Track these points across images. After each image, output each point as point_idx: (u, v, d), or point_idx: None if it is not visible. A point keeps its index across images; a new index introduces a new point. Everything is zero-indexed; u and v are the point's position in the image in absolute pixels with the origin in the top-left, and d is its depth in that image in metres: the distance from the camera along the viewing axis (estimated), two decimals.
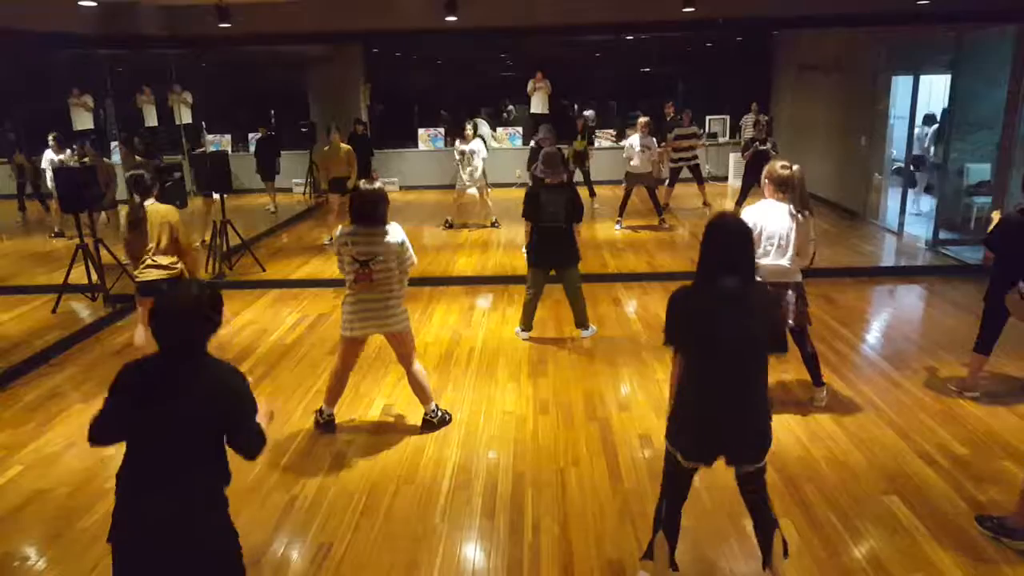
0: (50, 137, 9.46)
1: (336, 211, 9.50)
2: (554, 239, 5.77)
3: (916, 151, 9.69)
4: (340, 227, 4.33)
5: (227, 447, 2.43)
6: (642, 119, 9.90)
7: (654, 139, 9.78)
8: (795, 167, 4.31)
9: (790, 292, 4.40)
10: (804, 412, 4.68)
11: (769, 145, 9.34)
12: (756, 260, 3.72)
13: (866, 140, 9.99)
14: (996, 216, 4.64)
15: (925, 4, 7.21)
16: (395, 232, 4.23)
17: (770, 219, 4.26)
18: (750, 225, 2.83)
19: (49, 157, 9.43)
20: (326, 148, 9.38)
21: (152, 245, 4.98)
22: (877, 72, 9.64)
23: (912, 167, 9.79)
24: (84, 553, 3.48)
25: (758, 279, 2.95)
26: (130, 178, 5.10)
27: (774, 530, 2.91)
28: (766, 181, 4.36)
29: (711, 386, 2.76)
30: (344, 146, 9.36)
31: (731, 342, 2.70)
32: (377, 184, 4.40)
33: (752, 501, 2.94)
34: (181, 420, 2.31)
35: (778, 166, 4.33)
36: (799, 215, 4.28)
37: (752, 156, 9.32)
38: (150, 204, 5.01)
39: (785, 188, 4.27)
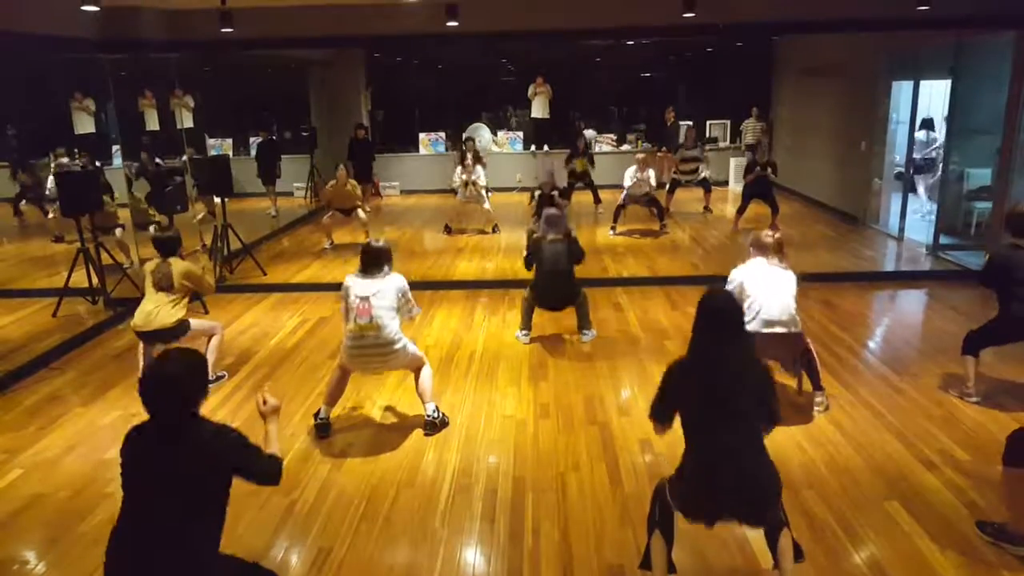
0: (53, 156, 9.55)
1: (332, 219, 9.57)
2: (556, 281, 5.94)
3: (916, 155, 9.70)
4: (346, 277, 4.53)
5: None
6: (639, 155, 10.16)
7: (651, 171, 9.93)
8: (777, 235, 4.80)
9: (801, 339, 4.62)
10: (805, 417, 4.68)
11: (770, 170, 9.61)
12: (757, 318, 4.33)
13: (866, 145, 10.00)
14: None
15: (926, 10, 7.21)
16: (397, 279, 4.49)
17: (759, 275, 4.58)
18: (739, 280, 3.01)
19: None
20: (333, 183, 9.52)
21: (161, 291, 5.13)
22: (877, 77, 9.65)
23: (913, 171, 9.80)
24: (83, 557, 3.48)
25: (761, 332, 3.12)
26: (159, 240, 5.30)
27: (781, 529, 2.92)
28: (752, 249, 4.75)
29: (707, 454, 2.80)
30: (351, 182, 9.59)
31: (726, 410, 2.76)
32: (381, 242, 4.62)
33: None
34: (171, 484, 2.43)
35: (762, 235, 4.74)
36: (784, 270, 4.64)
37: (753, 179, 9.68)
38: (172, 260, 5.21)
39: (769, 252, 4.66)
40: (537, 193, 10.11)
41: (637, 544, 3.44)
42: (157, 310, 5.06)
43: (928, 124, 9.76)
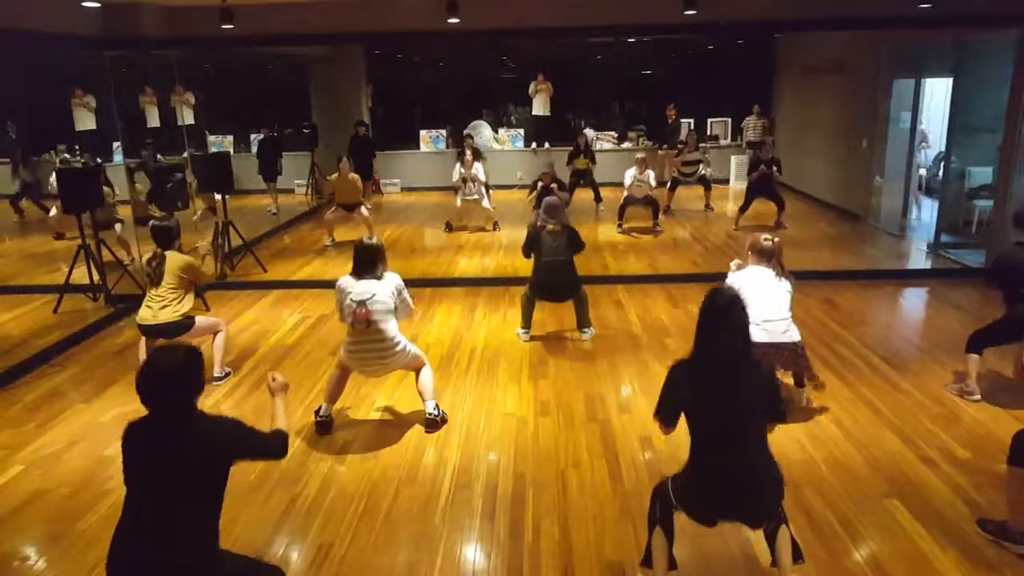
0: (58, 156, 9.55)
1: (334, 216, 9.56)
2: (556, 272, 5.86)
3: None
4: (340, 279, 4.51)
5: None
6: (639, 155, 10.12)
7: (651, 172, 9.91)
8: (776, 240, 4.68)
9: (795, 349, 4.54)
10: (805, 415, 4.68)
11: (774, 168, 9.57)
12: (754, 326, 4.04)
13: (867, 143, 9.99)
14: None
15: (927, 8, 7.20)
16: (392, 278, 4.45)
17: (758, 283, 4.54)
18: (737, 287, 2.99)
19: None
20: (335, 176, 9.51)
21: (161, 287, 5.09)
22: (879, 75, 9.64)
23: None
24: (84, 554, 3.48)
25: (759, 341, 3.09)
26: (156, 229, 5.24)
27: (780, 527, 2.92)
28: (750, 252, 4.71)
29: (710, 455, 2.80)
30: (353, 175, 9.55)
31: (730, 413, 2.75)
32: (372, 239, 4.58)
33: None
34: (170, 477, 2.44)
35: (761, 239, 4.68)
36: (780, 278, 4.61)
37: (757, 178, 9.63)
38: (170, 254, 5.16)
39: (768, 257, 4.62)
40: (538, 184, 10.13)
41: (637, 541, 3.44)
42: (162, 305, 5.05)
43: (921, 137, 9.72)
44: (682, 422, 2.88)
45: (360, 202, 9.59)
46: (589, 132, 12.77)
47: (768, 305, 4.45)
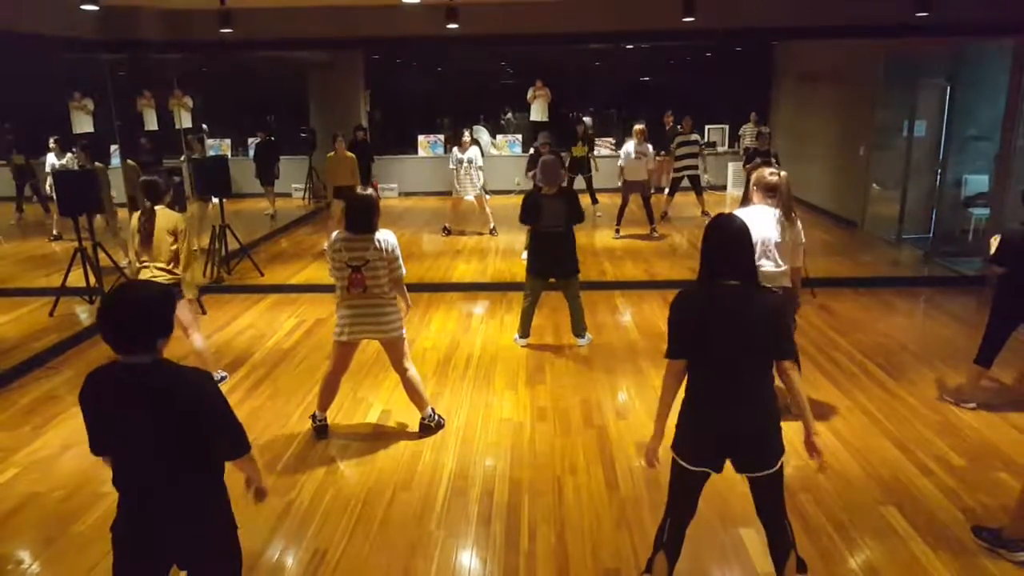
0: (51, 141, 9.46)
1: (338, 217, 9.50)
2: (554, 244, 5.76)
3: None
4: (334, 233, 4.37)
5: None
6: (637, 126, 9.96)
7: (649, 146, 9.82)
8: (782, 174, 4.39)
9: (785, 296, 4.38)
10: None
11: (773, 160, 9.44)
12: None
13: (864, 150, 10.02)
14: (995, 241, 4.68)
15: (925, 16, 7.24)
16: (387, 239, 4.30)
17: (759, 223, 4.26)
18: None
19: (51, 161, 9.44)
20: (331, 155, 9.43)
21: (152, 251, 4.95)
22: (876, 83, 9.67)
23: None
24: (79, 557, 3.47)
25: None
26: (144, 183, 5.10)
27: (789, 552, 2.85)
28: (755, 188, 4.43)
29: (712, 388, 2.73)
30: (348, 154, 9.44)
31: (730, 344, 2.67)
32: (369, 191, 4.46)
33: (768, 519, 2.87)
34: (152, 424, 2.22)
35: (766, 173, 4.40)
36: (786, 220, 4.37)
37: (755, 168, 9.38)
38: (160, 209, 5.02)
39: (773, 194, 4.34)
40: (531, 152, 10.06)
41: (634, 547, 3.44)
42: (161, 272, 4.93)
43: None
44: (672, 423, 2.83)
45: (353, 184, 9.32)
46: (587, 120, 12.73)
47: (761, 249, 4.18)
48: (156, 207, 4.99)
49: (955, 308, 6.96)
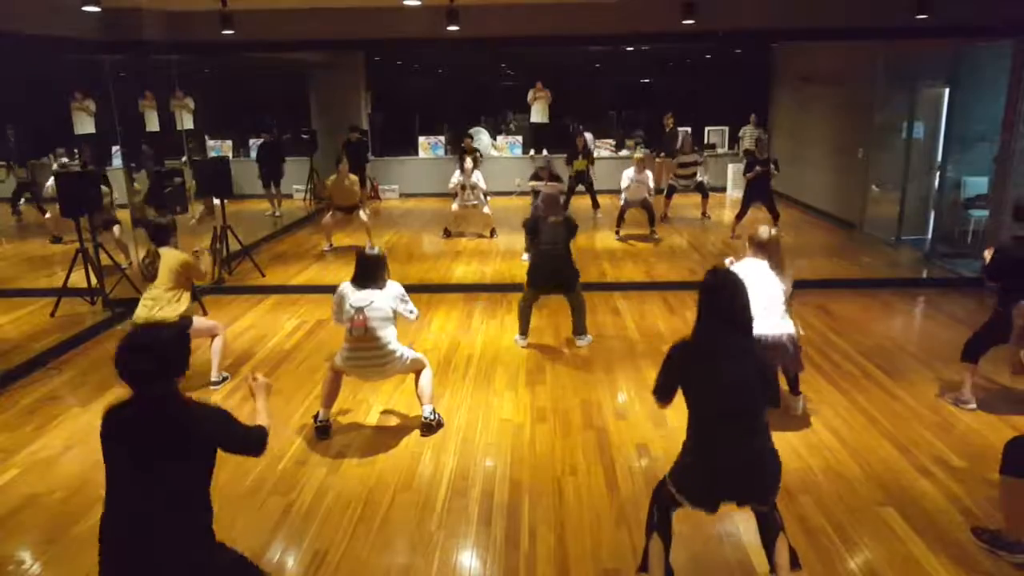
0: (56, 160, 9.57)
1: (333, 220, 9.55)
2: (553, 260, 5.95)
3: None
4: (341, 284, 4.52)
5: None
6: (637, 155, 10.16)
7: (649, 173, 9.93)
8: (773, 231, 4.66)
9: (787, 342, 4.47)
10: (801, 423, 4.69)
11: (772, 166, 9.50)
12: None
13: (863, 152, 10.03)
14: (988, 254, 4.71)
15: (924, 19, 7.25)
16: (393, 287, 4.47)
17: (752, 275, 4.42)
18: None
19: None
20: (334, 177, 9.50)
21: (158, 287, 5.10)
22: (875, 85, 9.69)
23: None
24: (78, 558, 3.47)
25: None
26: (154, 226, 5.28)
27: (778, 534, 2.93)
28: (748, 244, 4.69)
29: (713, 437, 2.81)
30: (351, 176, 9.55)
31: (732, 393, 2.76)
32: (376, 249, 4.58)
33: (757, 511, 2.98)
34: (154, 462, 2.36)
35: (759, 230, 4.65)
36: (778, 272, 4.59)
37: (755, 177, 9.49)
38: (165, 250, 5.18)
39: (764, 250, 4.58)
40: (531, 182, 10.26)
41: (634, 548, 3.44)
42: (158, 304, 5.04)
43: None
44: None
45: (358, 204, 9.58)
46: (588, 135, 12.80)
47: (756, 297, 4.33)
48: (161, 248, 5.16)
49: (954, 309, 6.96)
